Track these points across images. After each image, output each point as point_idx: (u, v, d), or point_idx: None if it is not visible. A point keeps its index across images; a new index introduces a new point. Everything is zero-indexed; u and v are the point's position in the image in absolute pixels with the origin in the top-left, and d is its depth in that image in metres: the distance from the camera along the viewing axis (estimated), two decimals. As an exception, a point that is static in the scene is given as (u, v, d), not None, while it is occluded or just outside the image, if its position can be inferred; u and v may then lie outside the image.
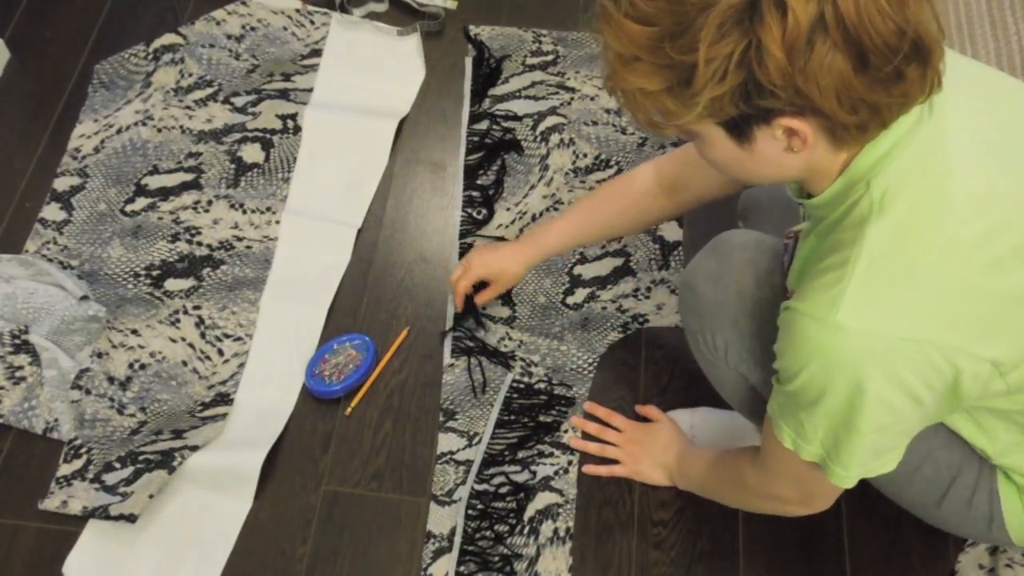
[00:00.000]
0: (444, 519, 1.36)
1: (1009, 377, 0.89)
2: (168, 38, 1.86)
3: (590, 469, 1.40)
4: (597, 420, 1.44)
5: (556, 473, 1.40)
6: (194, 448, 1.38)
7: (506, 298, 1.56)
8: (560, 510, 1.37)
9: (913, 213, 0.85)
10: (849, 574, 1.34)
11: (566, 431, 1.44)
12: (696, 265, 1.16)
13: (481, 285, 1.47)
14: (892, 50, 0.76)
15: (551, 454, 1.42)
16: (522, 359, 1.51)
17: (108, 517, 1.32)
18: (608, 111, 1.78)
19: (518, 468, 1.41)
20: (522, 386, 1.48)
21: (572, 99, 1.79)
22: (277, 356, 1.52)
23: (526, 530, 1.35)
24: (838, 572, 1.34)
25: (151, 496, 1.32)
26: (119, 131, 1.76)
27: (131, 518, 1.30)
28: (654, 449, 1.38)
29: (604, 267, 1.60)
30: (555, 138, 1.73)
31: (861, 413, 0.87)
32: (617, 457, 1.40)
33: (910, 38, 0.76)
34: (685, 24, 0.77)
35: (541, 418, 1.45)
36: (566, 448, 1.43)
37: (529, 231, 1.45)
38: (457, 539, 1.34)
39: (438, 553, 1.34)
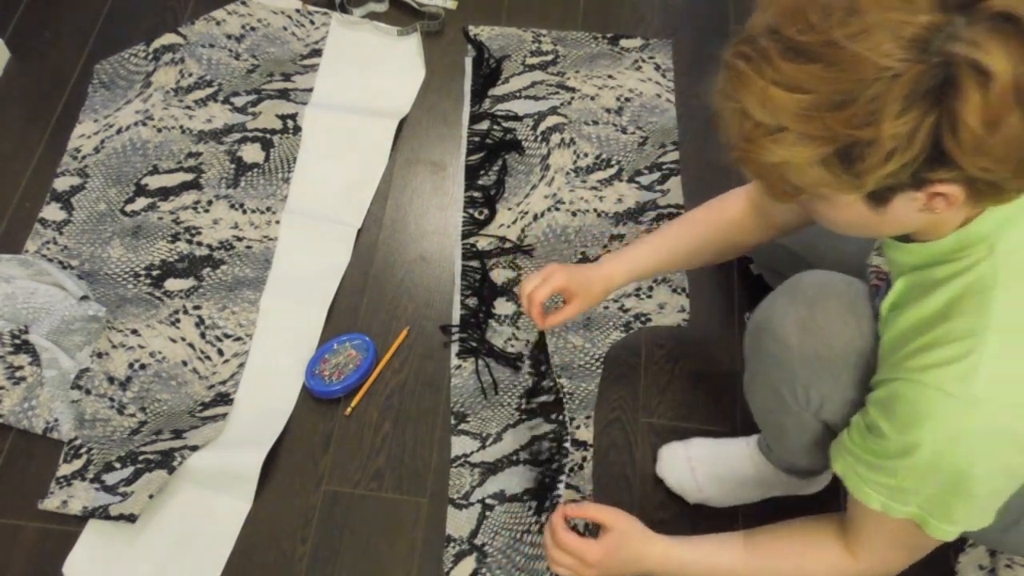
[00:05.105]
0: (463, 522, 1.36)
1: None
2: (168, 38, 1.86)
3: None
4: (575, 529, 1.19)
5: (571, 470, 1.40)
6: (194, 448, 1.38)
7: (511, 295, 1.56)
8: None
9: None
10: (850, 574, 1.34)
11: (578, 427, 1.44)
12: (778, 311, 1.05)
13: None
14: None
15: (565, 451, 1.42)
16: (529, 358, 1.51)
17: (108, 517, 1.31)
18: (608, 110, 1.78)
19: (534, 467, 1.41)
20: (532, 384, 1.48)
21: (572, 99, 1.79)
22: (277, 356, 1.52)
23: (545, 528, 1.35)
24: (839, 572, 1.34)
25: (151, 496, 1.32)
26: (119, 131, 1.76)
27: (131, 518, 1.30)
28: (627, 562, 1.09)
29: (605, 267, 1.60)
30: (556, 138, 1.73)
31: (980, 481, 0.85)
32: None
33: None
34: (852, 94, 0.70)
35: (553, 415, 1.45)
36: (580, 444, 1.43)
37: (611, 253, 1.32)
38: (478, 541, 1.34)
39: (459, 556, 1.34)
